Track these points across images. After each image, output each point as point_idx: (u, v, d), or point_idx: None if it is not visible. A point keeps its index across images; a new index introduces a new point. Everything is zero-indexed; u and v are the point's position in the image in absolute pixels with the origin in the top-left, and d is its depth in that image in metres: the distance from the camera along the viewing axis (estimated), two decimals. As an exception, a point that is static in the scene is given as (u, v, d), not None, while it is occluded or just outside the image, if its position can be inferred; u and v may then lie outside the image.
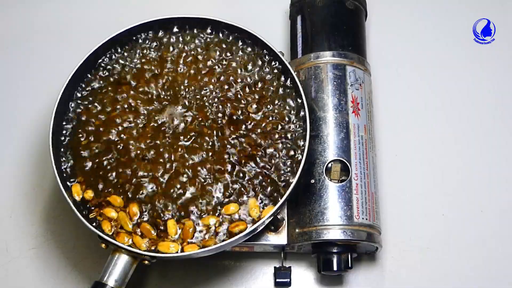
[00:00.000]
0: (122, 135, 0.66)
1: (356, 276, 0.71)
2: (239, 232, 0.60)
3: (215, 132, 0.66)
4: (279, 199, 0.62)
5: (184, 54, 0.70)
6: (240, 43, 0.71)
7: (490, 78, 0.83)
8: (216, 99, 0.68)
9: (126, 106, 0.68)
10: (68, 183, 0.64)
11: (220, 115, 0.67)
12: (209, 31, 0.71)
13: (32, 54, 0.83)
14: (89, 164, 0.65)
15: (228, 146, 0.65)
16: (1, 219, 0.73)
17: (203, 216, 0.63)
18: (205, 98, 0.68)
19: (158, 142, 0.66)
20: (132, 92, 0.68)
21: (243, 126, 0.66)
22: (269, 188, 0.64)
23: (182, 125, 0.67)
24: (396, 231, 0.72)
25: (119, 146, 0.66)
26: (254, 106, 0.67)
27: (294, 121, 0.67)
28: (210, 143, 0.66)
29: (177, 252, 0.60)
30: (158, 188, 0.64)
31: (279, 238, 0.66)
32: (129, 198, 0.63)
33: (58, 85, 0.66)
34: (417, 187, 0.76)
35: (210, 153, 0.65)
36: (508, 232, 0.73)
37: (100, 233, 0.60)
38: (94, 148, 0.65)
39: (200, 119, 0.67)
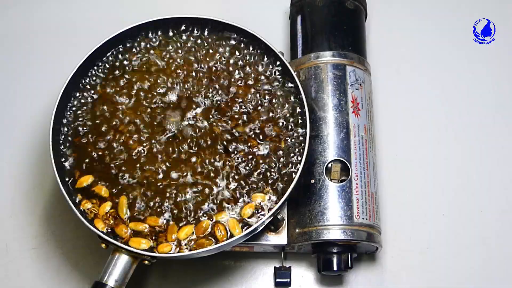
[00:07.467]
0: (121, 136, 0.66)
1: (356, 276, 0.71)
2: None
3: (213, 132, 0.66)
4: (279, 199, 0.62)
5: (182, 54, 0.70)
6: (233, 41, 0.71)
7: (490, 78, 0.83)
8: (216, 102, 0.68)
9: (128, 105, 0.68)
10: (68, 184, 0.64)
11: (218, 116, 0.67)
12: (208, 31, 0.71)
13: (32, 54, 0.83)
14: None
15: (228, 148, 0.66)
16: (1, 219, 0.73)
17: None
18: (203, 97, 0.68)
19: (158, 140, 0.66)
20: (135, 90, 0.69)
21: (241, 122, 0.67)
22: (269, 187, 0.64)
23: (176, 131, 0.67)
24: (396, 231, 0.72)
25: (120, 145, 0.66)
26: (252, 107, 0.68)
27: (294, 121, 0.67)
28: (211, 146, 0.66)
29: (177, 252, 0.60)
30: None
31: (279, 238, 0.66)
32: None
33: (58, 85, 0.66)
34: (417, 187, 0.76)
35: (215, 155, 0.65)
36: (508, 232, 0.73)
37: (100, 233, 0.60)
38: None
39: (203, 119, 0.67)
